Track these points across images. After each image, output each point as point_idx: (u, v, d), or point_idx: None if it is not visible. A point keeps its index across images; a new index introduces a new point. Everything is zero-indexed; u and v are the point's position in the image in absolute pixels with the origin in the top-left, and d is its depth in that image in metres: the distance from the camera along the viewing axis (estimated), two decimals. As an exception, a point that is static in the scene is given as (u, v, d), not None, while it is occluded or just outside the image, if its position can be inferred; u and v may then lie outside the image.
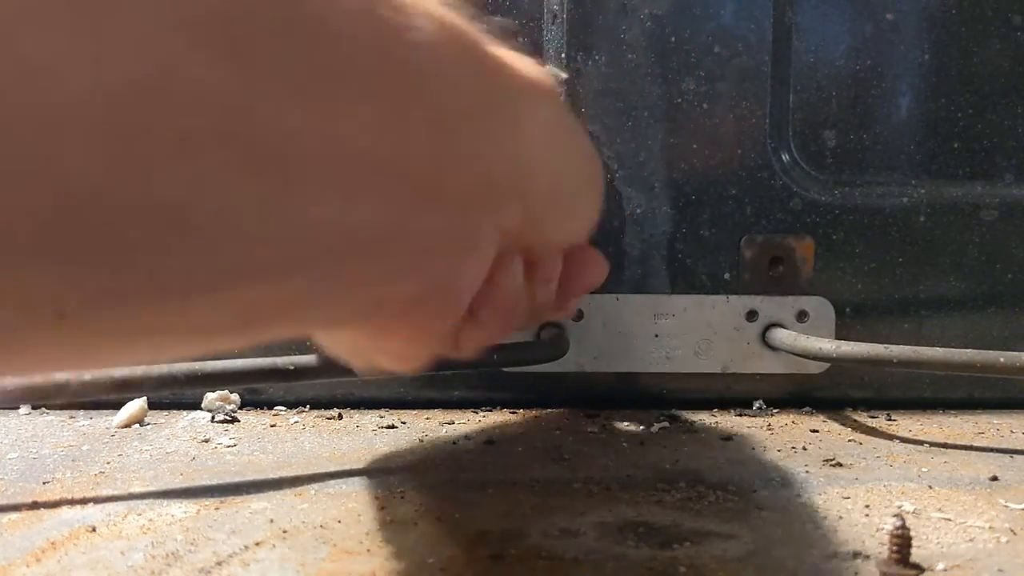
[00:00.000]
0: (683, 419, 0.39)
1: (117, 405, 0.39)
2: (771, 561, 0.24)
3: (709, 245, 0.41)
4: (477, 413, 0.41)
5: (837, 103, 0.41)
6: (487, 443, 0.36)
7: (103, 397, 0.33)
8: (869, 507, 0.28)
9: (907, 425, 0.39)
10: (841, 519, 0.27)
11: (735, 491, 0.29)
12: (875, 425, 0.39)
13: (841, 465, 0.32)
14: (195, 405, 0.40)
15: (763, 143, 0.41)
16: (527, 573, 0.23)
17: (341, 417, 0.40)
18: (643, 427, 0.38)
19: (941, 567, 0.23)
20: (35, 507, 0.28)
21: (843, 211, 0.41)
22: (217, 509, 0.28)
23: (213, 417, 0.39)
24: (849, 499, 0.29)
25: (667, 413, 0.40)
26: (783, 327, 0.41)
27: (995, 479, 0.31)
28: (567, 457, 0.33)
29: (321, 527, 0.26)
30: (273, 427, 0.38)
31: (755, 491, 0.29)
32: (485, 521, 0.27)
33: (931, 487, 0.30)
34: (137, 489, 0.30)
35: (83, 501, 0.28)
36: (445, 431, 0.37)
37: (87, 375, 0.32)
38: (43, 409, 0.41)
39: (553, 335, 0.40)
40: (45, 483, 0.30)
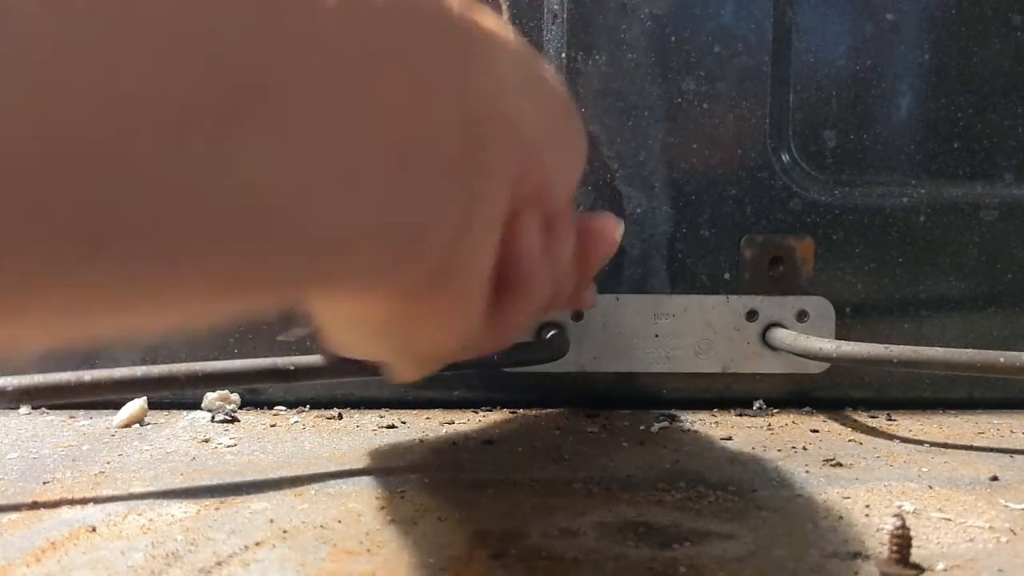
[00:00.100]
0: (683, 419, 0.40)
1: (117, 405, 0.39)
2: (771, 561, 0.24)
3: (709, 245, 0.41)
4: (477, 413, 0.41)
5: (837, 103, 0.41)
6: (487, 443, 0.36)
7: (103, 397, 0.33)
8: (869, 507, 0.28)
9: (907, 425, 0.39)
10: (841, 519, 0.27)
11: (735, 491, 0.29)
12: (875, 425, 0.39)
13: (841, 465, 0.32)
14: (195, 405, 0.40)
15: (763, 143, 0.41)
16: (527, 573, 0.23)
17: (341, 417, 0.40)
18: (643, 427, 0.38)
19: (941, 567, 0.23)
20: (35, 507, 0.28)
21: (843, 211, 0.41)
22: (217, 509, 0.28)
23: (213, 417, 0.39)
24: (849, 499, 0.29)
25: (667, 413, 0.40)
26: (783, 327, 0.41)
27: (995, 479, 0.31)
28: (567, 457, 0.33)
29: (321, 527, 0.26)
30: (273, 427, 0.38)
31: (755, 491, 0.29)
32: (485, 521, 0.27)
33: (931, 487, 0.30)
34: (137, 489, 0.30)
35: (83, 501, 0.28)
36: (445, 431, 0.37)
37: (87, 375, 0.32)
38: (43, 409, 0.41)
39: (553, 335, 0.40)
40: (45, 483, 0.30)
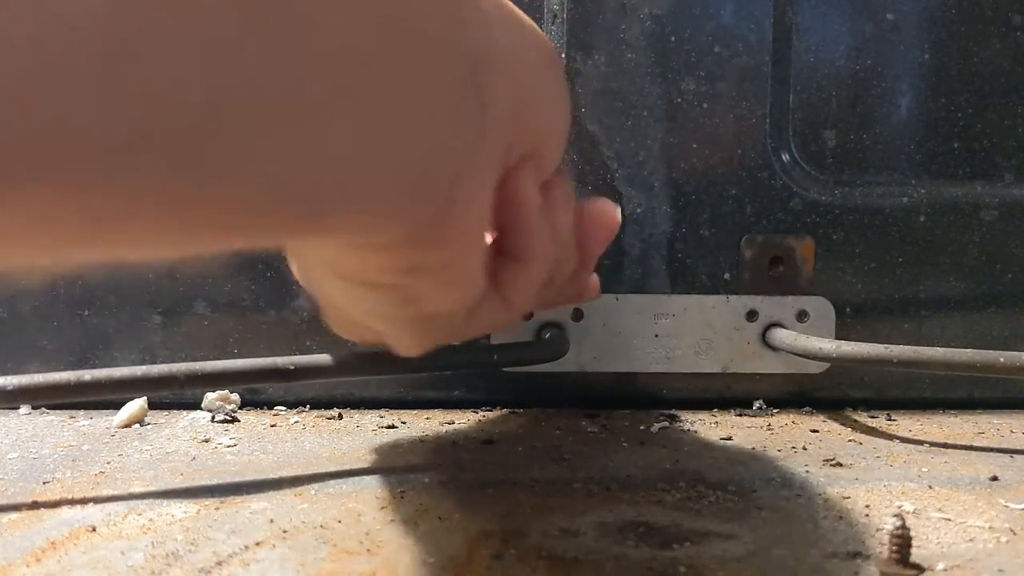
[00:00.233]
0: (683, 419, 0.40)
1: (117, 405, 0.39)
2: (771, 561, 0.24)
3: (709, 245, 0.41)
4: (477, 413, 0.41)
5: (837, 103, 0.41)
6: (487, 443, 0.36)
7: (103, 397, 0.33)
8: (869, 507, 0.28)
9: (907, 425, 0.39)
10: (841, 519, 0.27)
11: (735, 491, 0.29)
12: (875, 425, 0.39)
13: (841, 465, 0.32)
14: (195, 405, 0.40)
15: (763, 143, 0.41)
16: (527, 573, 0.23)
17: (341, 417, 0.40)
18: (643, 427, 0.38)
19: (941, 567, 0.23)
20: (35, 507, 0.28)
21: (843, 211, 0.41)
22: (217, 509, 0.28)
23: (213, 417, 0.39)
24: (849, 499, 0.29)
25: (667, 413, 0.40)
26: (783, 327, 0.41)
27: (995, 479, 0.31)
28: (567, 457, 0.33)
29: (321, 527, 0.26)
30: (273, 427, 0.38)
31: (755, 491, 0.29)
32: (485, 521, 0.27)
33: (931, 487, 0.30)
34: (137, 489, 0.30)
35: (83, 501, 0.28)
36: (445, 431, 0.37)
37: (87, 375, 0.32)
38: (43, 409, 0.41)
39: (553, 335, 0.40)
40: (45, 483, 0.30)
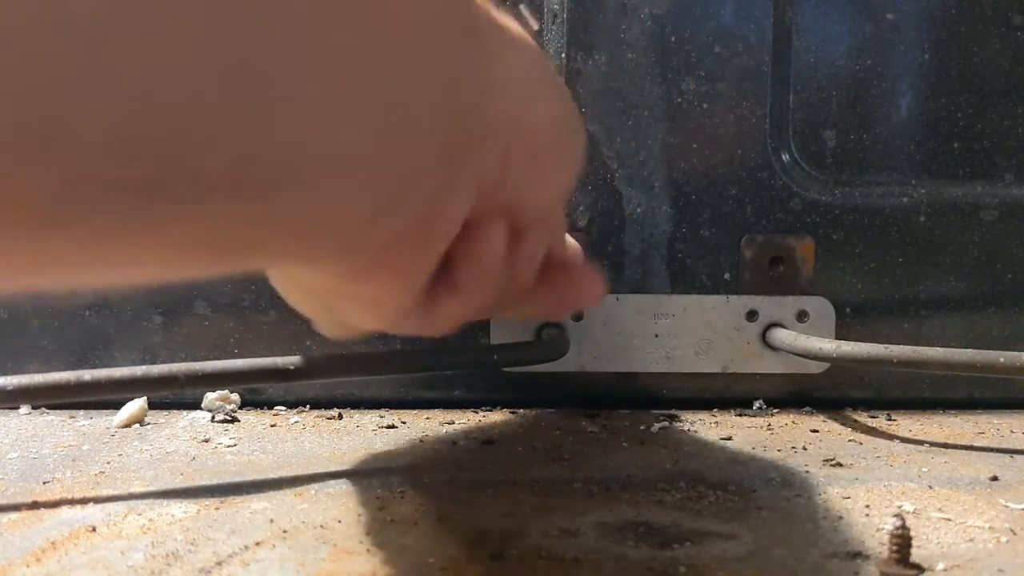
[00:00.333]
0: (683, 419, 0.39)
1: (117, 405, 0.39)
2: (771, 561, 0.24)
3: (709, 245, 0.41)
4: (477, 413, 0.41)
5: (837, 103, 0.41)
6: (487, 443, 0.36)
7: (103, 397, 0.33)
8: (869, 507, 0.28)
9: (907, 425, 0.39)
10: (841, 519, 0.27)
11: (735, 491, 0.29)
12: (875, 425, 0.39)
13: (841, 465, 0.32)
14: (195, 405, 0.40)
15: (763, 143, 0.41)
16: (527, 573, 0.23)
17: (341, 417, 0.40)
18: (643, 427, 0.38)
19: (941, 567, 0.23)
20: (35, 507, 0.28)
21: (843, 211, 0.41)
22: (217, 509, 0.28)
23: (213, 417, 0.39)
24: (849, 499, 0.29)
25: (667, 413, 0.40)
26: (783, 327, 0.41)
27: (995, 479, 0.31)
28: (567, 457, 0.33)
29: (321, 527, 0.26)
30: (273, 427, 0.38)
31: (755, 491, 0.29)
32: (485, 521, 0.27)
33: (931, 487, 0.30)
34: (137, 489, 0.30)
35: (83, 501, 0.28)
36: (445, 431, 0.37)
37: (87, 375, 0.32)
38: (43, 409, 0.41)
39: (553, 335, 0.40)
40: (45, 483, 0.30)
